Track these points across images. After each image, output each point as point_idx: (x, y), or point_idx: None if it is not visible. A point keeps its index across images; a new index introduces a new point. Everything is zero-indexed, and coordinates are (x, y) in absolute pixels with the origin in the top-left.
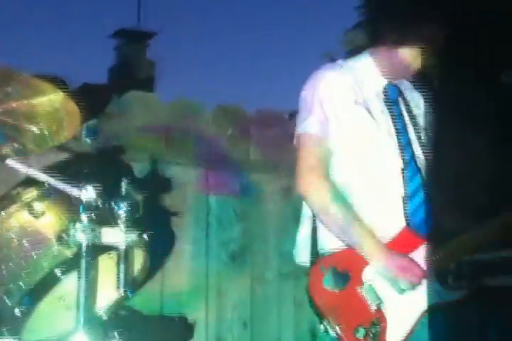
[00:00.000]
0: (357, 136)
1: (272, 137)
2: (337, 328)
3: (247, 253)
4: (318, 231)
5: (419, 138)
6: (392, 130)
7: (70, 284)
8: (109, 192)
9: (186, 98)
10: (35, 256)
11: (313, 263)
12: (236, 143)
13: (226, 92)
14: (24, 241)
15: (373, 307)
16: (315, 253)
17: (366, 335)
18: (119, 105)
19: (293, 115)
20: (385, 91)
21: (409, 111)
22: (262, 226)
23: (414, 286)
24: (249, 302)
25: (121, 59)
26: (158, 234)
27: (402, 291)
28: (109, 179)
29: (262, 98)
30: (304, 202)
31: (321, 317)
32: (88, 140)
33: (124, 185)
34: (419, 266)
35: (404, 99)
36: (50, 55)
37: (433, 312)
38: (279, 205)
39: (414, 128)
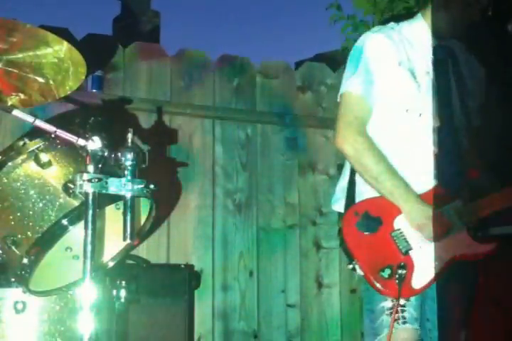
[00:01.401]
0: (397, 96)
1: (278, 88)
2: (364, 267)
3: (253, 203)
4: (357, 184)
5: (462, 99)
6: (434, 90)
7: (77, 234)
8: (116, 143)
9: (191, 48)
10: (42, 206)
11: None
12: (241, 94)
13: (231, 43)
14: (31, 191)
15: (402, 252)
16: (350, 205)
17: (392, 276)
18: (124, 56)
19: (299, 65)
20: (434, 52)
21: (458, 73)
22: (267, 176)
23: (437, 238)
24: (256, 252)
25: (125, 9)
26: (164, 185)
27: (429, 240)
28: (115, 129)
29: (268, 49)
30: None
31: (350, 257)
32: (94, 90)
33: (130, 136)
34: (445, 220)
35: (454, 60)
36: (54, 6)
37: (459, 264)
38: (285, 156)
39: (459, 90)
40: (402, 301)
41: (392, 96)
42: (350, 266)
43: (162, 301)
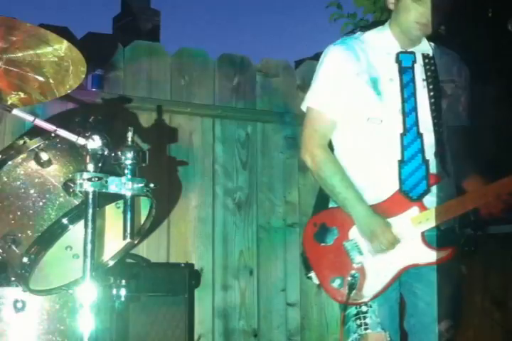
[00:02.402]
0: (356, 106)
1: (278, 86)
2: (319, 277)
3: (253, 202)
4: None
5: (434, 103)
6: (398, 97)
7: (77, 233)
8: (116, 142)
9: (191, 47)
10: (42, 205)
11: None
12: (241, 93)
13: (232, 42)
14: (31, 190)
15: (355, 262)
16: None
17: (342, 285)
18: (124, 55)
19: (299, 64)
20: (398, 59)
21: (430, 77)
22: (267, 175)
23: (386, 249)
24: (256, 251)
25: (125, 8)
26: (164, 183)
27: (378, 250)
28: (115, 128)
29: (268, 48)
30: None
31: (308, 267)
32: (94, 89)
33: (130, 135)
34: (391, 232)
35: (426, 65)
36: (54, 5)
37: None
38: (285, 154)
39: (430, 94)
40: (364, 308)
41: (352, 106)
42: (308, 276)
43: (162, 300)
